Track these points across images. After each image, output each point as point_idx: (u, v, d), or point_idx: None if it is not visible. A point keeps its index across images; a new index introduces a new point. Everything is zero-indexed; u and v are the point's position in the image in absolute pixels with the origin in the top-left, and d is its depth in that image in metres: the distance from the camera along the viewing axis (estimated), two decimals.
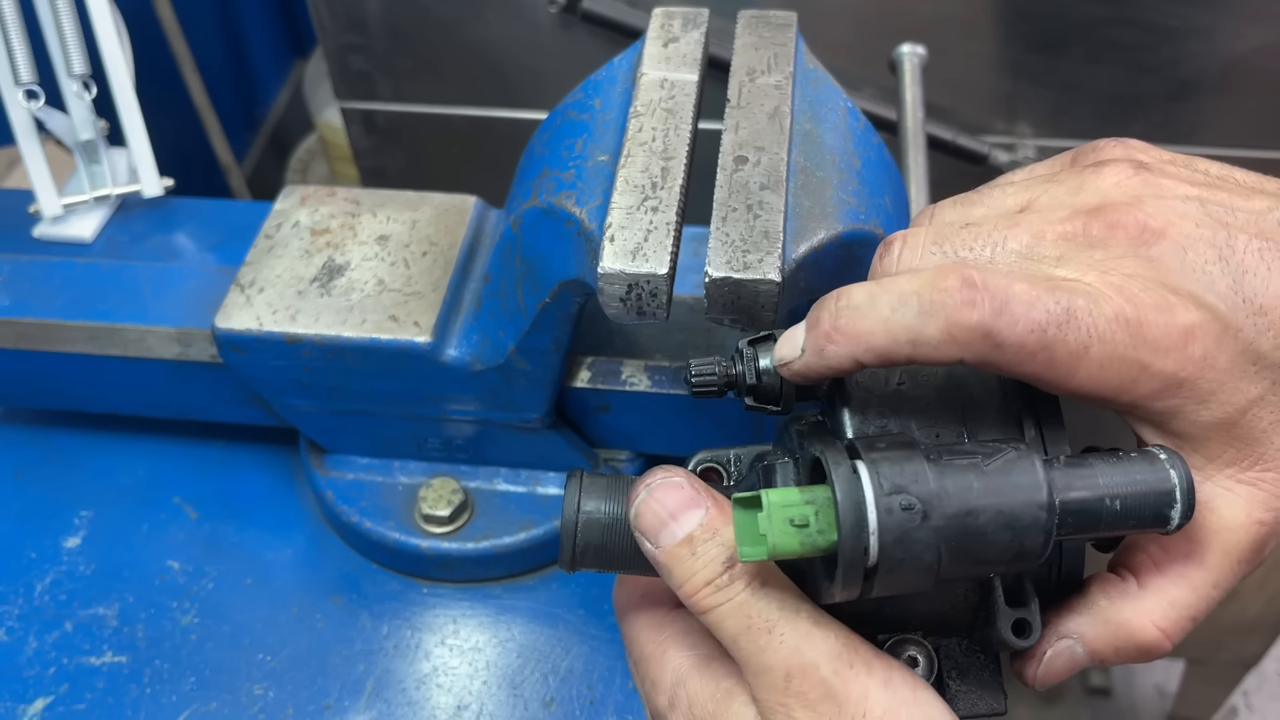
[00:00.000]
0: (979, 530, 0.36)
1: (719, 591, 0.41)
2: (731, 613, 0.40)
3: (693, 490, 0.42)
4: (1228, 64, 1.03)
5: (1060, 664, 0.43)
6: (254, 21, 2.24)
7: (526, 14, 1.10)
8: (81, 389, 0.78)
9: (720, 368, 0.46)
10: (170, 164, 0.83)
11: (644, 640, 0.47)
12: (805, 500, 0.37)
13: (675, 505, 0.42)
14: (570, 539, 0.44)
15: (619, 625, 0.50)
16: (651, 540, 0.42)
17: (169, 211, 0.82)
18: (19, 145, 0.78)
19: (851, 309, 0.41)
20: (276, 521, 0.80)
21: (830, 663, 0.39)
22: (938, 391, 0.43)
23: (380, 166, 1.29)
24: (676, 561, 0.41)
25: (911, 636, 0.43)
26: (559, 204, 0.56)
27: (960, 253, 0.43)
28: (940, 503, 0.36)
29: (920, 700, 0.40)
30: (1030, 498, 0.37)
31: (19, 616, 0.74)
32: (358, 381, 0.69)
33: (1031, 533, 0.37)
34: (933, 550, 0.36)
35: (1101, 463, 0.40)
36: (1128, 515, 0.39)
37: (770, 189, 0.52)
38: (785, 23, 0.62)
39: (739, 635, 0.40)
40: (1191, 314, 0.40)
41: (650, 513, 0.42)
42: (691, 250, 0.76)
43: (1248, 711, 1.55)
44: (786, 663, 0.40)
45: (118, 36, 0.78)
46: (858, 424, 0.43)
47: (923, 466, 0.37)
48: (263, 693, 0.70)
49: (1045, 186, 0.45)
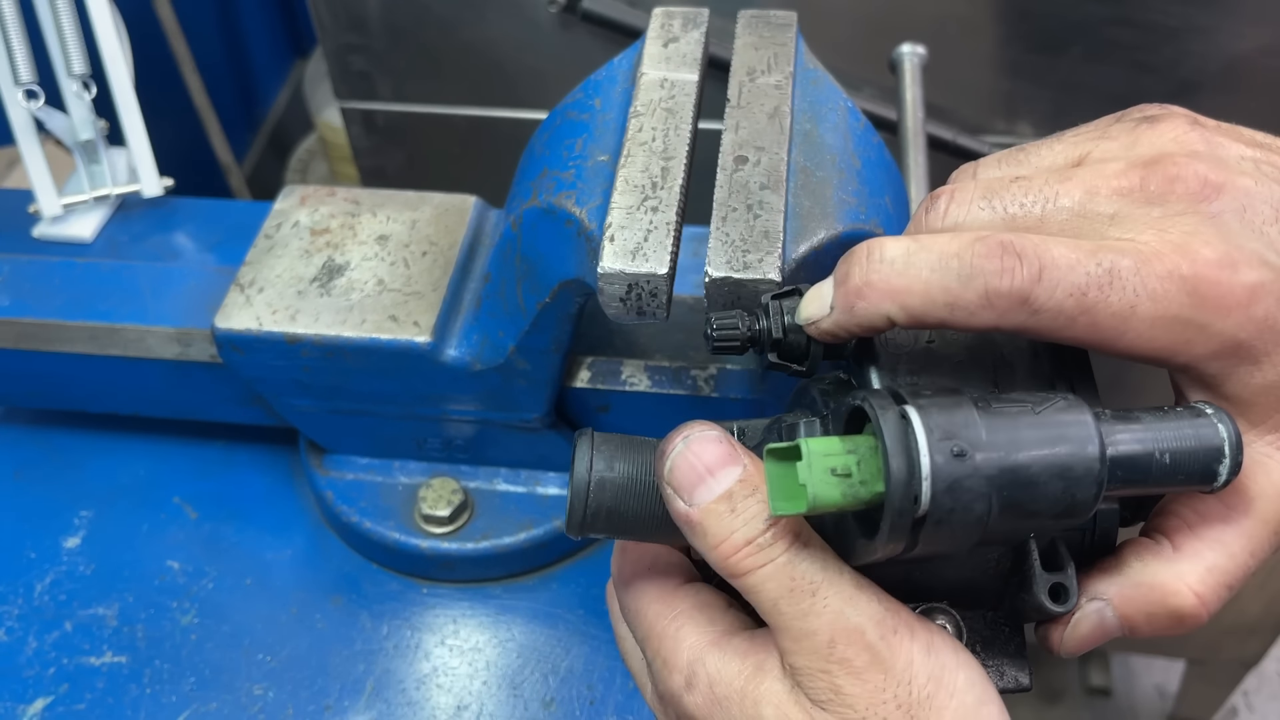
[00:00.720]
0: (1031, 479, 0.35)
1: (761, 551, 0.38)
2: (774, 574, 0.38)
3: (730, 445, 0.40)
4: (1228, 64, 1.03)
5: (1088, 628, 0.41)
6: (254, 21, 2.24)
7: (526, 14, 1.10)
8: (81, 389, 0.78)
9: (745, 322, 0.44)
10: (170, 164, 0.83)
11: (653, 615, 0.44)
12: (847, 450, 0.35)
13: (713, 459, 0.40)
14: (582, 500, 0.41)
15: (618, 599, 0.47)
16: (686, 496, 0.40)
17: (169, 211, 0.82)
18: (19, 145, 0.78)
19: (887, 264, 0.39)
20: (276, 521, 0.79)
21: (876, 627, 0.38)
22: (968, 350, 0.42)
23: (380, 166, 1.29)
24: (714, 519, 0.39)
25: (939, 605, 0.41)
26: (559, 204, 0.56)
27: (1010, 209, 0.41)
28: (993, 449, 0.34)
29: (962, 664, 0.39)
30: (1083, 448, 0.35)
31: (19, 616, 0.74)
32: (358, 381, 0.69)
33: (1084, 483, 0.35)
34: (984, 500, 0.34)
35: (1150, 416, 0.39)
36: (1176, 470, 0.38)
37: (770, 189, 0.52)
38: (785, 23, 0.62)
39: (780, 598, 0.38)
40: (1256, 273, 0.38)
41: (687, 466, 0.40)
42: (691, 250, 0.76)
43: (1248, 711, 1.55)
44: (831, 627, 0.38)
45: (117, 36, 0.78)
46: (887, 383, 0.41)
47: (973, 413, 0.35)
48: (263, 693, 0.70)
49: (1097, 141, 0.43)
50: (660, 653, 0.43)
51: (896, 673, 0.37)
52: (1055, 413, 0.36)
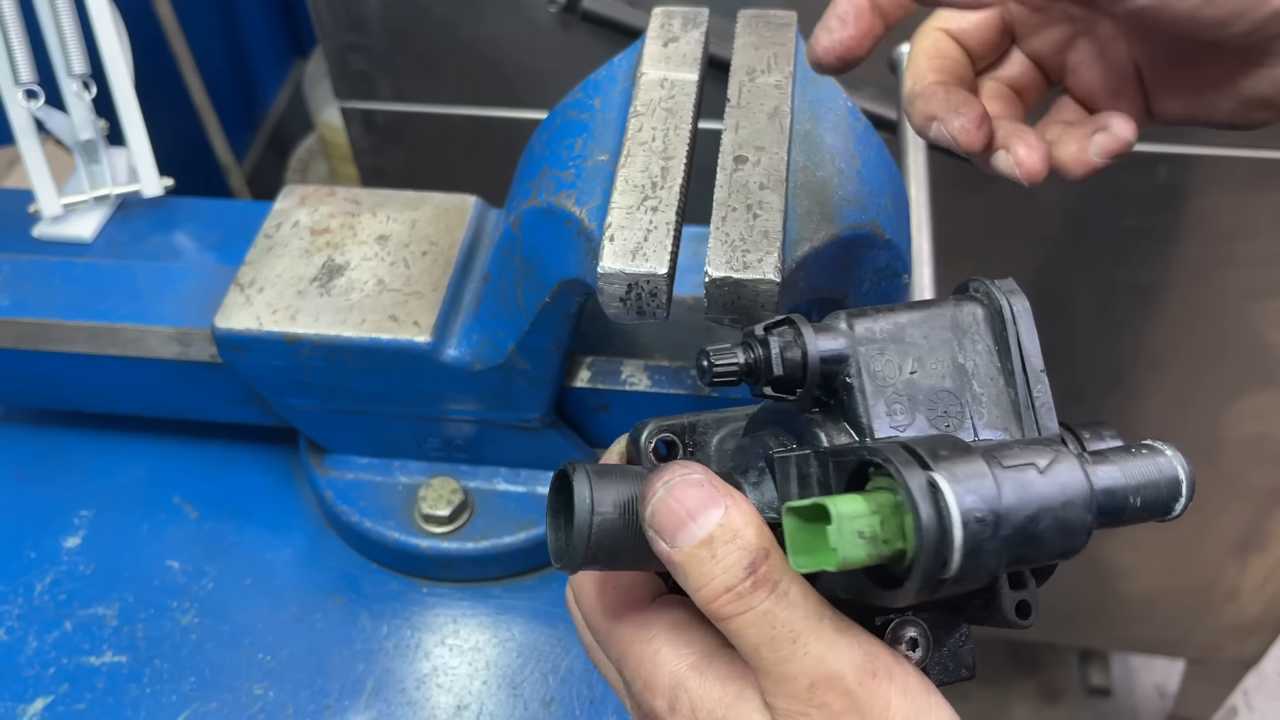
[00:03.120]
0: (1038, 536, 0.37)
1: (740, 599, 0.39)
2: (754, 622, 0.39)
3: (711, 487, 0.40)
4: None
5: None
6: (254, 21, 2.24)
7: (526, 13, 1.10)
8: (81, 389, 0.78)
9: (747, 356, 0.44)
10: (170, 163, 0.83)
11: (628, 639, 0.44)
12: (871, 510, 0.36)
13: (694, 504, 0.40)
14: (584, 540, 0.42)
15: (587, 620, 0.47)
16: (668, 541, 0.40)
17: (169, 211, 0.82)
18: (19, 145, 0.78)
19: None
20: (276, 521, 0.79)
21: (855, 673, 0.38)
22: (947, 379, 0.43)
23: (380, 166, 1.29)
24: (695, 564, 0.39)
25: (909, 618, 0.42)
26: (559, 203, 0.56)
27: None
28: (1010, 514, 0.36)
29: (934, 705, 0.39)
30: (1082, 509, 0.37)
31: (19, 616, 0.74)
32: (357, 381, 0.69)
33: (1078, 534, 0.37)
34: (997, 558, 0.36)
35: (1119, 457, 0.40)
36: (1144, 509, 0.40)
37: (770, 189, 0.52)
38: (785, 22, 0.62)
39: (761, 644, 0.39)
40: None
41: (669, 511, 0.40)
42: (691, 250, 0.76)
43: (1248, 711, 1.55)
44: (811, 673, 0.38)
45: (117, 36, 0.78)
46: (880, 416, 0.42)
47: (989, 477, 0.36)
48: (262, 693, 0.70)
49: None
50: (639, 675, 0.43)
51: (874, 716, 0.38)
52: (1058, 471, 0.37)
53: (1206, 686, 1.70)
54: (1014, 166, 0.48)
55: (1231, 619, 1.55)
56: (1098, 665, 1.89)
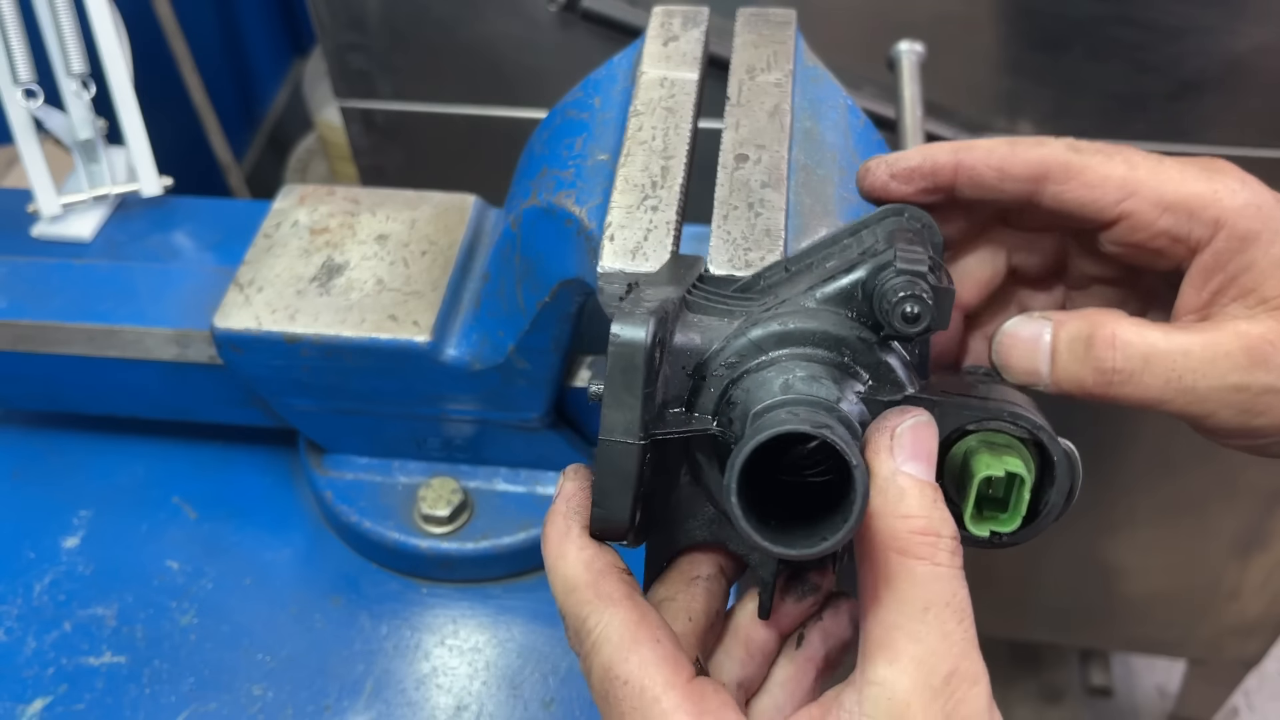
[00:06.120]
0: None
1: (945, 553, 0.38)
2: (946, 578, 0.38)
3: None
4: (1230, 63, 1.03)
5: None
6: (253, 21, 2.24)
7: (526, 13, 1.10)
8: (80, 391, 0.78)
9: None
10: (169, 163, 0.83)
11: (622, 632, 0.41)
12: (1028, 470, 0.42)
13: (927, 450, 0.40)
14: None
15: (607, 665, 0.40)
16: (908, 458, 0.39)
17: (168, 211, 0.82)
18: (17, 144, 0.78)
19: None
20: (276, 521, 0.79)
21: (985, 679, 0.38)
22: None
23: (379, 165, 1.28)
24: (920, 494, 0.39)
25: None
26: (558, 203, 0.56)
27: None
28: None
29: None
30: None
31: (18, 617, 0.74)
32: (357, 381, 0.69)
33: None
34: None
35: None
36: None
37: (771, 187, 0.52)
38: (784, 20, 0.62)
39: (933, 606, 0.37)
40: None
41: (920, 440, 0.40)
42: (692, 249, 0.76)
43: (1249, 711, 1.55)
44: (959, 660, 0.37)
45: (116, 35, 0.78)
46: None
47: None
48: (262, 693, 0.70)
49: None
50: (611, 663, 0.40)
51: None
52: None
53: (1208, 686, 1.70)
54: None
55: (1232, 619, 1.55)
56: (1099, 665, 1.89)
